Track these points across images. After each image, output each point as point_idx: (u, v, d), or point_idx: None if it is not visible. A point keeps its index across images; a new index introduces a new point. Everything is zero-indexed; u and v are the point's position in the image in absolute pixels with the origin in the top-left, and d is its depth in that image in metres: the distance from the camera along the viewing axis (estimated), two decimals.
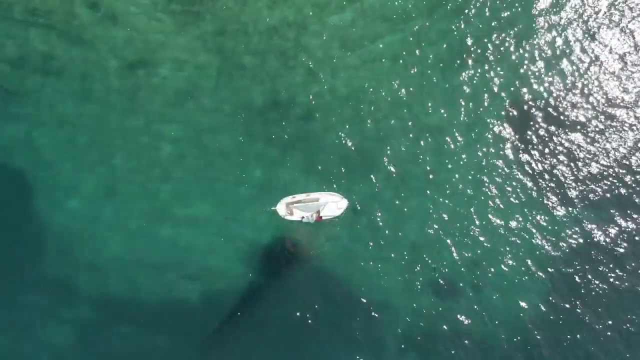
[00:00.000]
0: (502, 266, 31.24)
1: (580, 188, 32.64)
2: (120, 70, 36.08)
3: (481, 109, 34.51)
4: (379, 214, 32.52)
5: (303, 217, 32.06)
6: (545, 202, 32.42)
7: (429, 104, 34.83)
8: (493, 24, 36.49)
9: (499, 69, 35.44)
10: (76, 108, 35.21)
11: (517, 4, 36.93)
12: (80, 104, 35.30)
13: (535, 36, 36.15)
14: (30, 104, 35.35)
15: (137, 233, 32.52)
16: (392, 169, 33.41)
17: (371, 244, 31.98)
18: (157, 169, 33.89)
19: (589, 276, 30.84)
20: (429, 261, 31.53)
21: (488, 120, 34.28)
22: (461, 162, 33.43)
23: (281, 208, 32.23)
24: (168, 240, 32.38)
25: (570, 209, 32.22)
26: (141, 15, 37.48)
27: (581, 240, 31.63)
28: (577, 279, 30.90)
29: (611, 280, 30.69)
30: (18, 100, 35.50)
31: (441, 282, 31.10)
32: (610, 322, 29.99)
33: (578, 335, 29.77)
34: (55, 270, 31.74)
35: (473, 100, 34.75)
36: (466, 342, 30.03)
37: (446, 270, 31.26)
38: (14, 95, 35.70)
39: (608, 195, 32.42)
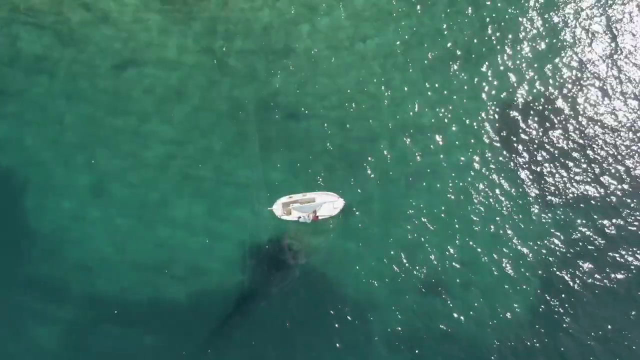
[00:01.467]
0: (490, 268, 31.31)
1: (568, 191, 33.00)
2: (111, 70, 35.80)
3: (472, 110, 34.90)
4: (375, 215, 32.48)
5: (299, 217, 31.92)
6: (534, 205, 32.65)
7: (421, 104, 35.12)
8: (486, 25, 37.21)
9: (491, 69, 35.98)
10: (66, 108, 34.81)
11: (509, 5, 37.85)
12: (71, 103, 34.90)
13: (526, 37, 36.85)
14: (21, 103, 34.86)
15: (128, 233, 31.95)
16: (387, 170, 33.46)
17: (367, 244, 31.89)
18: (148, 169, 33.46)
19: (576, 279, 31.04)
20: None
21: (479, 122, 34.65)
22: (453, 164, 33.65)
23: (277, 208, 32.06)
24: (161, 241, 31.86)
25: (558, 212, 32.52)
26: (131, 16, 37.32)
27: (569, 244, 31.86)
28: (564, 281, 31.02)
29: (598, 283, 30.88)
30: (8, 99, 34.96)
31: (431, 283, 31.11)
32: (595, 325, 30.10)
33: (563, 337, 29.91)
34: (45, 270, 31.06)
35: (464, 101, 35.19)
36: (454, 342, 29.94)
37: (438, 270, 31.46)
38: (4, 94, 35.13)
39: (596, 199, 32.79)
